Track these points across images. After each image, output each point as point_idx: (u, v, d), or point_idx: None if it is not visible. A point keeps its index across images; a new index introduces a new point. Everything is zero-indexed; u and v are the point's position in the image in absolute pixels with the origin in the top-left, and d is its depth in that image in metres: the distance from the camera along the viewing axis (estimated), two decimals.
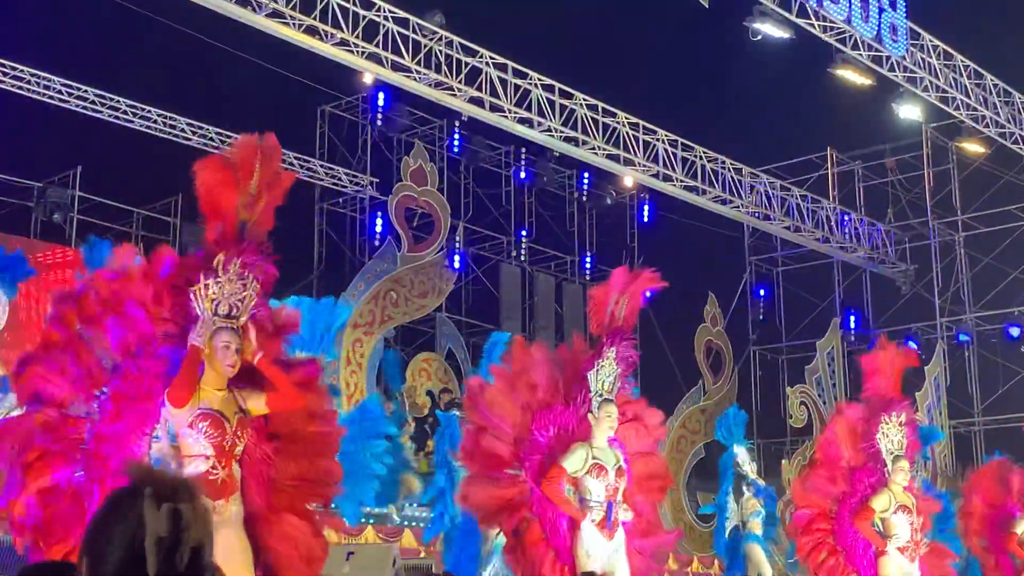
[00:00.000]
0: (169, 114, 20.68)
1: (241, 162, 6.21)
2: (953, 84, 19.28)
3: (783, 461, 24.00)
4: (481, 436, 7.86)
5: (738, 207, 22.01)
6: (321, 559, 6.46)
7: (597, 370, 7.92)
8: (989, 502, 12.14)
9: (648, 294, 8.45)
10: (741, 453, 15.42)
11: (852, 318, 26.41)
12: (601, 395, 7.89)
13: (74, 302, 6.12)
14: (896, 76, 18.57)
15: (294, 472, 6.36)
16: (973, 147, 22.17)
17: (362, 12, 16.17)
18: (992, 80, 20.06)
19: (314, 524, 6.49)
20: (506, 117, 18.06)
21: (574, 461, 7.72)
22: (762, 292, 27.14)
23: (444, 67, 17.11)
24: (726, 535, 15.19)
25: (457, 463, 9.12)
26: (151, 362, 6.09)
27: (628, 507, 7.97)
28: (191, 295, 6.04)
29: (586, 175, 25.81)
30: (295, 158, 22.19)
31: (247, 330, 6.11)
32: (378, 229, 22.64)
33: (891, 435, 9.39)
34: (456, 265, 22.67)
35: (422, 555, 11.13)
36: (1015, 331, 24.05)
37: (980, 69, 19.76)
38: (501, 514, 7.82)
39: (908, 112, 19.98)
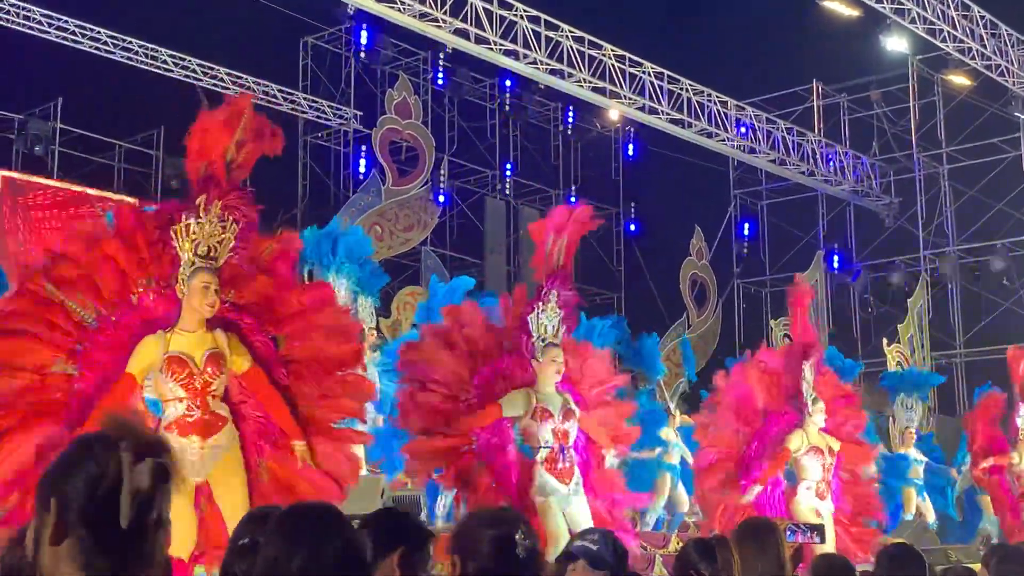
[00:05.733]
0: (151, 46, 20.46)
1: (233, 110, 6.28)
2: (940, 16, 19.16)
3: None
4: (417, 394, 7.65)
5: (723, 140, 21.97)
6: (353, 477, 6.50)
7: (537, 314, 7.79)
8: (988, 435, 12.42)
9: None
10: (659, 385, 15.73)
11: (836, 256, 26.45)
12: (544, 340, 7.77)
13: (43, 275, 6.01)
14: (883, 7, 18.45)
15: (316, 393, 6.39)
16: (959, 79, 22.12)
17: None
18: (979, 12, 19.95)
19: (342, 445, 6.50)
20: (491, 49, 17.91)
21: (511, 404, 7.64)
22: (746, 227, 27.12)
23: None
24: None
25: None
26: (130, 313, 6.10)
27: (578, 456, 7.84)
28: (171, 234, 6.09)
29: (572, 108, 25.70)
30: (278, 91, 21.99)
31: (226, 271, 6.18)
32: (362, 163, 22.51)
33: (809, 378, 9.47)
34: (440, 199, 22.59)
35: (409, 486, 11.20)
36: None
37: (967, 1, 19.65)
38: (441, 463, 7.65)
39: (895, 44, 19.88)
